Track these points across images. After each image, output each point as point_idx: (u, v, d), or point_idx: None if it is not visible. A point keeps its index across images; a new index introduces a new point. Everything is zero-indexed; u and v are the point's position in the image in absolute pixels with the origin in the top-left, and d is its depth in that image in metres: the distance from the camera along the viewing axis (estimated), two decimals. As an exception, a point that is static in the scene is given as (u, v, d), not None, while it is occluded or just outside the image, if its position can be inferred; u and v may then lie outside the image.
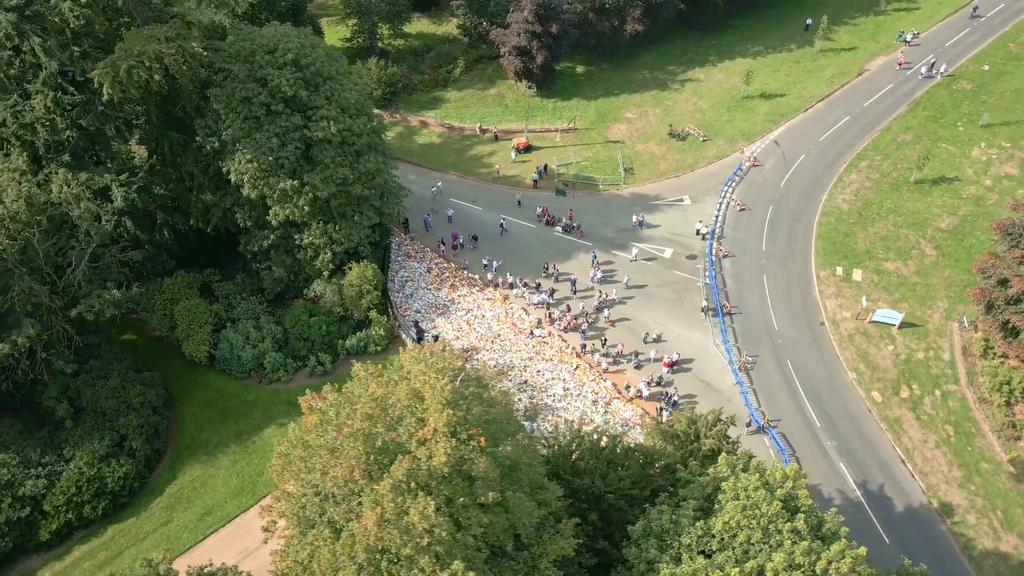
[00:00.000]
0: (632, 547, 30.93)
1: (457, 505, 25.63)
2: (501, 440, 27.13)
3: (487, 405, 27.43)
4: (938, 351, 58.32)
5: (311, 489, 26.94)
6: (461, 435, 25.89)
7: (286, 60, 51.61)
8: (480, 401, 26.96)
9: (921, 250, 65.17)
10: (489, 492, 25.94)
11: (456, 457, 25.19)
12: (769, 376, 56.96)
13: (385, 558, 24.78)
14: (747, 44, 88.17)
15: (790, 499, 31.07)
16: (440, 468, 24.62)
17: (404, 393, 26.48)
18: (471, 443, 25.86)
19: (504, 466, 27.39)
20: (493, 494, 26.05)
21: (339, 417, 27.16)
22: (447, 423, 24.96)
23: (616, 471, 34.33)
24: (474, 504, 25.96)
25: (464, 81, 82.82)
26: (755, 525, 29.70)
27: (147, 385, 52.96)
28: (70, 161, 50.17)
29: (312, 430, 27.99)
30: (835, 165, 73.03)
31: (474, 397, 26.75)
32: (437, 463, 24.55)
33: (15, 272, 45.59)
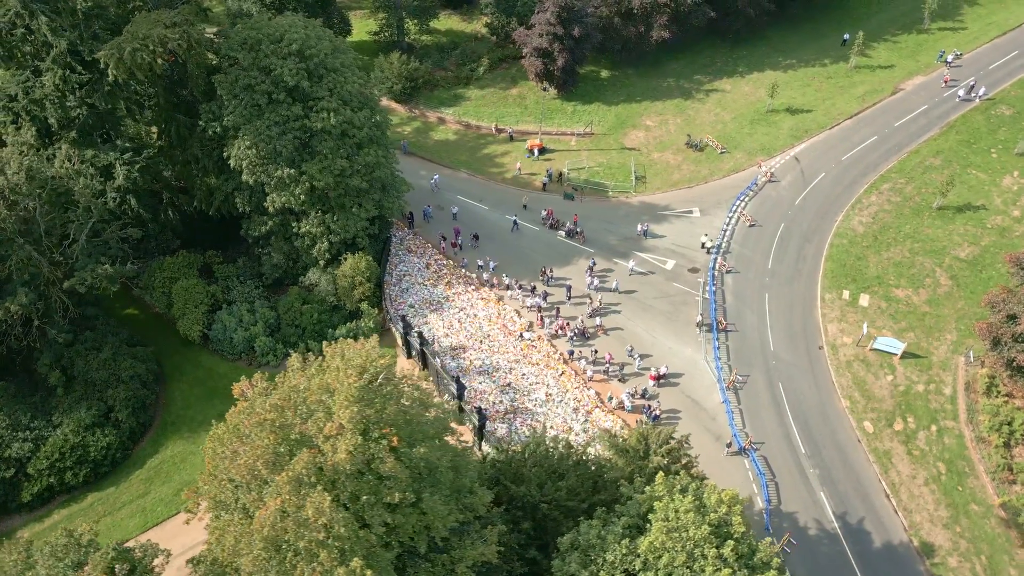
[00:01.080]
0: (558, 559, 30.57)
1: (362, 503, 25.70)
2: (418, 441, 27.07)
3: (409, 405, 27.39)
4: (940, 385, 56.16)
5: (225, 474, 27.39)
6: (373, 433, 25.95)
7: (291, 50, 52.39)
8: (397, 401, 26.94)
9: (936, 279, 62.84)
10: (396, 492, 25.95)
11: (363, 455, 25.24)
12: (758, 397, 55.64)
13: (287, 549, 25.02)
14: (779, 57, 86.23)
15: (722, 525, 30.27)
16: (343, 464, 24.74)
17: (316, 386, 26.69)
18: (382, 442, 25.89)
19: (418, 467, 27.33)
20: (400, 494, 26.06)
21: (256, 406, 27.52)
22: (352, 419, 25.03)
23: (557, 482, 33.95)
24: (380, 503, 25.99)
25: (487, 80, 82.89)
26: (680, 548, 29.04)
27: (138, 359, 54.38)
28: (77, 138, 51.80)
29: (237, 416, 28.40)
30: (855, 185, 70.93)
31: (391, 396, 26.74)
32: (339, 459, 24.66)
33: (15, 241, 47.28)
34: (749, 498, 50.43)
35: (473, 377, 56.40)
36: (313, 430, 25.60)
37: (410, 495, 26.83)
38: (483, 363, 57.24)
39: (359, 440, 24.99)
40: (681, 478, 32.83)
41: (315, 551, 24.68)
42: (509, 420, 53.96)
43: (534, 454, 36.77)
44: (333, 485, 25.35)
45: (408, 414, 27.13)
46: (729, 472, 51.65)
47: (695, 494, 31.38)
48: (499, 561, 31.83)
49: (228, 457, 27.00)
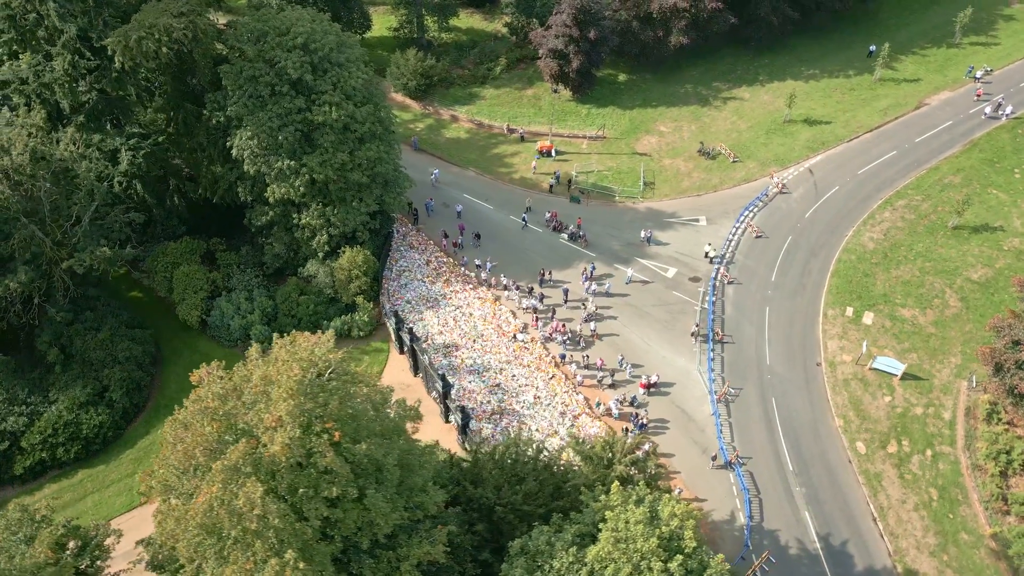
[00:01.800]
0: (506, 563, 30.42)
1: (300, 495, 25.89)
2: (363, 438, 27.13)
3: (360, 403, 27.45)
4: (939, 409, 54.74)
5: (171, 460, 27.83)
6: (315, 427, 26.10)
7: (296, 43, 52.92)
8: (344, 397, 27.03)
9: (944, 300, 61.25)
10: (335, 487, 26.07)
11: (301, 448, 25.40)
12: (749, 411, 54.80)
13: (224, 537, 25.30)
14: (802, 66, 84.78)
15: (674, 539, 29.86)
16: (279, 456, 24.94)
17: (258, 378, 26.93)
18: (323, 436, 26.02)
19: (361, 464, 27.41)
20: (340, 489, 26.16)
21: (202, 393, 27.88)
22: (291, 412, 25.20)
23: (515, 485, 33.79)
24: (319, 497, 26.13)
25: (503, 80, 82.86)
26: (626, 560, 28.71)
27: (136, 341, 55.41)
28: (85, 122, 52.96)
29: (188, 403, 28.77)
30: (869, 201, 69.44)
31: (336, 392, 26.85)
32: (274, 451, 24.85)
33: (18, 220, 48.53)
34: (731, 513, 49.84)
35: (463, 376, 56.46)
36: (254, 421, 25.85)
37: (352, 491, 26.94)
38: (474, 362, 57.26)
39: (297, 433, 25.16)
40: (639, 489, 32.45)
41: (250, 541, 24.92)
42: (495, 421, 53.90)
43: (503, 456, 36.64)
44: (273, 476, 25.58)
45: (354, 410, 27.22)
46: (713, 486, 50.99)
47: (650, 506, 31.00)
48: (450, 561, 31.83)
49: (171, 443, 27.43)
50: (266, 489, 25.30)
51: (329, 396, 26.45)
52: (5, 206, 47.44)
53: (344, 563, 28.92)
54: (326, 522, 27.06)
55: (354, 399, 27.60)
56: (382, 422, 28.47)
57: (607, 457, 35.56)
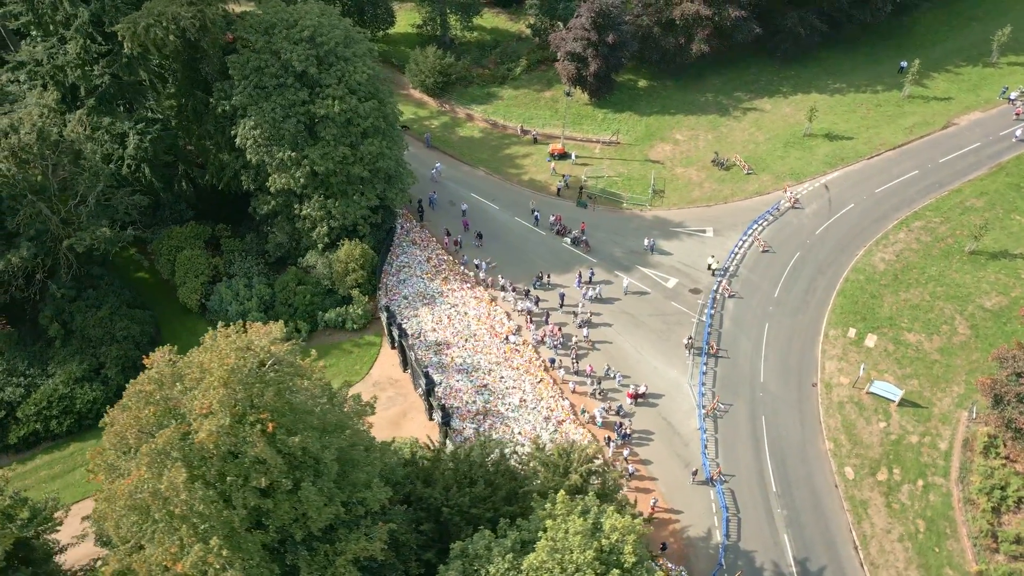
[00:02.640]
0: (443, 565, 30.36)
1: (228, 484, 26.18)
2: (300, 431, 27.34)
3: (303, 395, 27.63)
4: (936, 439, 53.10)
5: (106, 440, 28.41)
6: (249, 417, 26.37)
7: (302, 36, 53.57)
8: (282, 389, 27.24)
9: (953, 326, 59.37)
10: (263, 477, 26.32)
11: (231, 437, 25.68)
12: (738, 428, 53.84)
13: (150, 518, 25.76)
14: (828, 79, 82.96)
15: (613, 552, 29.46)
16: (206, 443, 25.25)
17: (195, 364, 27.31)
18: (257, 427, 26.28)
19: (296, 456, 27.61)
20: (269, 480, 26.41)
21: (143, 376, 28.41)
22: (222, 401, 25.48)
23: (464, 488, 33.69)
24: (248, 486, 26.39)
25: (522, 81, 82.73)
26: (560, 570, 28.43)
27: (135, 321, 56.65)
28: (96, 105, 54.32)
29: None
30: (884, 220, 67.62)
31: (273, 383, 27.08)
32: (200, 438, 25.17)
33: (25, 197, 50.02)
34: (707, 530, 49.06)
35: (451, 374, 56.55)
36: (188, 406, 26.24)
37: (286, 482, 27.19)
38: (464, 361, 57.31)
39: (227, 422, 25.46)
40: (588, 499, 32.11)
41: (176, 525, 25.32)
42: (479, 421, 53.87)
43: (466, 456, 36.57)
44: (203, 463, 25.93)
45: (293, 403, 27.44)
46: (692, 501, 50.25)
47: (595, 518, 30.65)
48: (394, 559, 31.90)
49: (109, 424, 28.03)
50: (193, 475, 25.70)
51: (265, 387, 26.70)
52: (12, 183, 48.85)
53: (281, 553, 29.21)
54: (258, 512, 27.38)
55: (295, 392, 27.83)
56: (322, 416, 28.64)
57: (563, 465, 35.26)
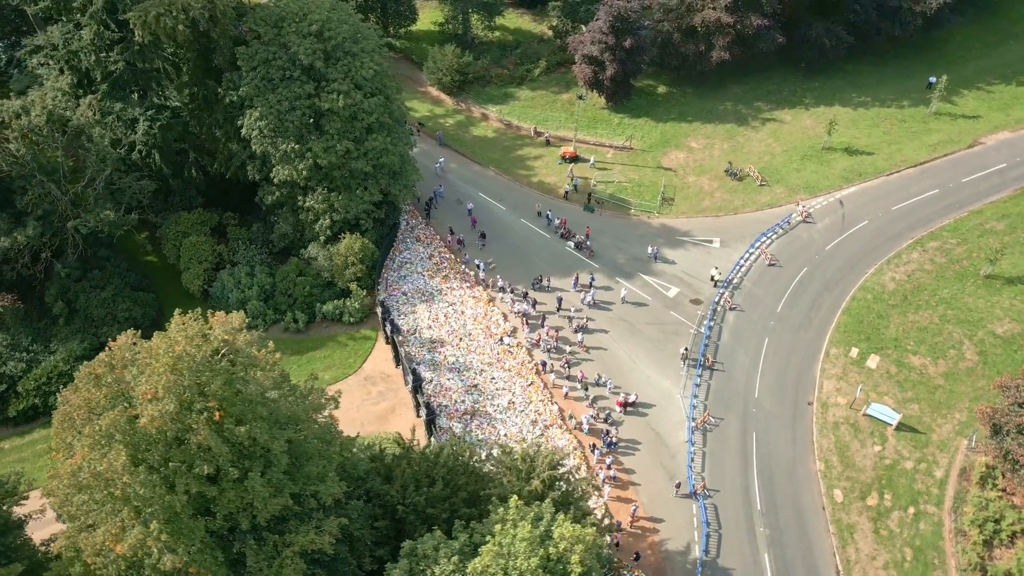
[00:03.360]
0: (390, 564, 30.40)
1: (171, 469, 26.52)
2: (249, 421, 27.58)
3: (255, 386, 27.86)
4: (932, 466, 51.66)
5: (55, 419, 29.01)
6: (196, 404, 26.67)
7: (311, 30, 54.09)
8: (232, 378, 27.49)
9: (960, 351, 57.68)
10: (206, 465, 26.60)
11: (176, 423, 26.01)
12: (727, 443, 53.02)
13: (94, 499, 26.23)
14: (853, 92, 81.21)
15: (559, 562, 29.20)
16: (148, 428, 25.61)
17: (145, 349, 27.71)
18: (203, 414, 26.57)
19: (243, 445, 27.85)
20: (213, 468, 26.68)
21: (96, 359, 28.95)
22: (166, 387, 25.81)
23: (422, 487, 33.69)
24: (191, 473, 26.71)
25: (540, 82, 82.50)
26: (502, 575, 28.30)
27: (137, 303, 57.86)
28: (109, 91, 55.54)
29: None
30: (898, 239, 65.93)
31: (222, 372, 27.34)
32: (145, 423, 25.54)
33: (34, 177, 51.34)
34: (687, 544, 48.42)
35: (443, 372, 56.65)
36: (136, 391, 26.65)
37: (233, 471, 27.46)
38: (457, 360, 57.36)
39: (171, 408, 25.81)
40: (544, 506, 31.89)
41: (118, 507, 25.76)
42: (466, 420, 53.88)
43: (435, 456, 36.57)
44: (148, 446, 26.32)
45: (243, 393, 27.69)
46: (674, 515, 49.64)
47: (547, 525, 30.42)
48: (346, 554, 32.06)
49: (60, 404, 28.61)
50: (137, 459, 26.12)
51: (215, 376, 27.01)
52: (21, 163, 50.18)
53: (229, 541, 29.54)
54: (204, 499, 27.72)
55: (247, 382, 28.09)
56: (274, 407, 28.86)
57: (526, 469, 35.06)
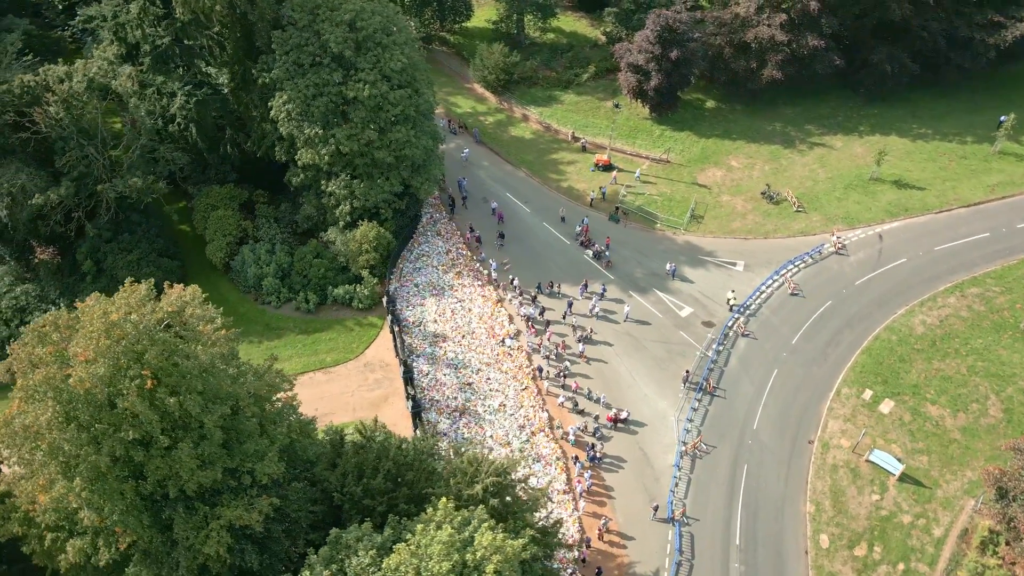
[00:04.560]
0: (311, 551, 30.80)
1: (97, 431, 27.49)
2: (183, 393, 28.34)
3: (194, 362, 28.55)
4: (931, 523, 48.87)
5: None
6: (130, 371, 27.57)
7: (343, 19, 55.13)
8: (171, 350, 28.27)
9: (984, 406, 54.36)
10: (132, 430, 27.47)
11: (105, 386, 26.95)
12: (715, 472, 51.46)
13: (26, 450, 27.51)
14: (914, 123, 77.46)
15: (473, 569, 28.94)
16: (77, 388, 26.61)
17: (88, 313, 28.73)
18: (135, 381, 27.45)
19: (174, 416, 28.60)
20: (138, 433, 27.53)
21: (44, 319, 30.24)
22: (101, 351, 26.74)
23: (361, 479, 33.87)
24: (116, 436, 27.61)
25: (587, 88, 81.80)
26: (414, 575, 28.24)
27: (160, 269, 60.23)
28: (153, 64, 58.01)
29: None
30: (936, 281, 62.53)
31: (161, 342, 28.15)
32: (73, 382, 26.55)
33: (72, 139, 54.15)
34: (656, 571, 47.28)
35: (441, 367, 56.92)
36: (71, 352, 27.73)
37: (163, 439, 28.33)
38: (456, 357, 57.55)
39: (102, 371, 26.78)
40: (477, 512, 31.69)
41: (46, 460, 26.95)
42: (455, 417, 54.03)
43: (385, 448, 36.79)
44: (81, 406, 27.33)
45: (179, 365, 28.48)
46: (647, 538, 48.52)
47: (472, 531, 30.23)
48: (281, 534, 32.66)
49: (9, 354, 30.04)
50: (69, 416, 27.25)
51: (152, 345, 27.91)
52: (61, 125, 52.97)
53: (161, 506, 30.51)
54: (134, 463, 28.70)
55: (187, 356, 28.91)
56: (213, 383, 29.57)
57: (471, 473, 34.81)
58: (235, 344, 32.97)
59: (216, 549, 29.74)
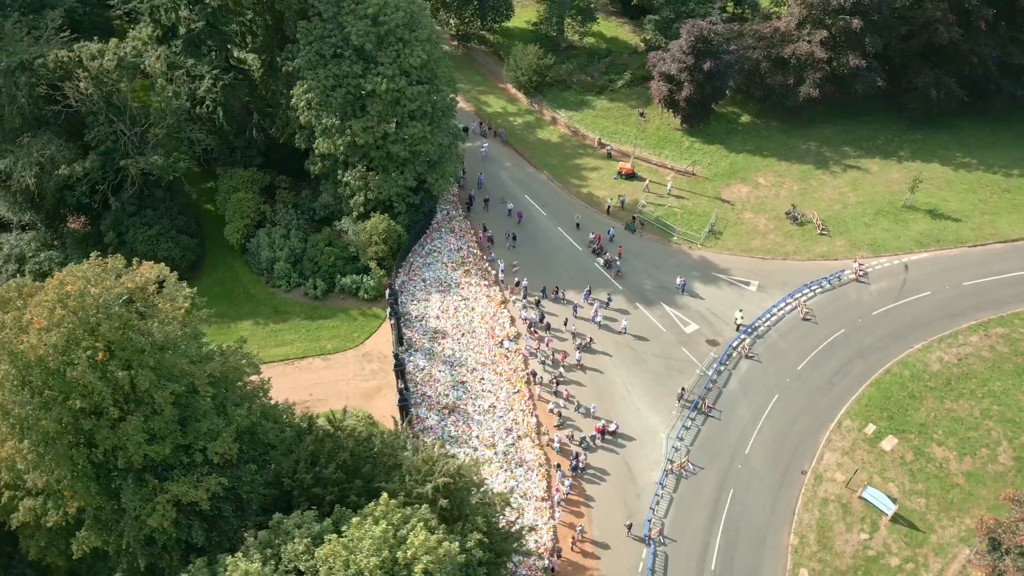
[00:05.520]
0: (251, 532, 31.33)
1: (46, 396, 28.46)
2: (135, 368, 29.14)
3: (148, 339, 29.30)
4: (920, 568, 46.93)
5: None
6: (84, 342, 28.47)
7: (367, 13, 55.82)
8: (126, 324, 29.04)
9: (994, 452, 51.93)
10: (79, 399, 28.37)
11: (57, 355, 27.85)
12: (699, 494, 50.40)
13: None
14: (958, 151, 74.38)
15: (403, 567, 29.00)
16: (28, 353, 27.58)
17: (48, 284, 29.68)
18: (87, 352, 28.35)
19: (124, 389, 29.37)
20: (86, 403, 28.41)
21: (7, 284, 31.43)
22: (53, 320, 27.65)
23: (313, 467, 34.24)
24: (65, 404, 28.51)
25: (621, 94, 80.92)
26: (341, 567, 28.45)
27: (179, 246, 62.10)
28: (185, 46, 59.80)
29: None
30: (959, 318, 59.90)
31: (117, 317, 28.97)
32: (23, 348, 27.55)
33: (100, 115, 56.26)
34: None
35: (437, 363, 57.19)
36: (27, 319, 28.75)
37: (113, 411, 29.21)
38: (453, 354, 57.72)
39: (54, 340, 27.74)
40: (420, 510, 31.78)
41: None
42: (444, 415, 54.23)
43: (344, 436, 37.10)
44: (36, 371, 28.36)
45: (136, 342, 29.25)
46: (621, 554, 47.84)
47: (408, 529, 30.32)
48: (230, 514, 33.34)
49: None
50: (22, 380, 28.33)
51: (107, 318, 28.78)
52: (90, 100, 55.07)
53: (113, 476, 31.49)
54: (81, 430, 29.68)
55: (143, 333, 29.73)
56: (169, 359, 30.32)
57: (424, 472, 34.85)
58: (200, 325, 33.74)
59: (161, 522, 30.58)
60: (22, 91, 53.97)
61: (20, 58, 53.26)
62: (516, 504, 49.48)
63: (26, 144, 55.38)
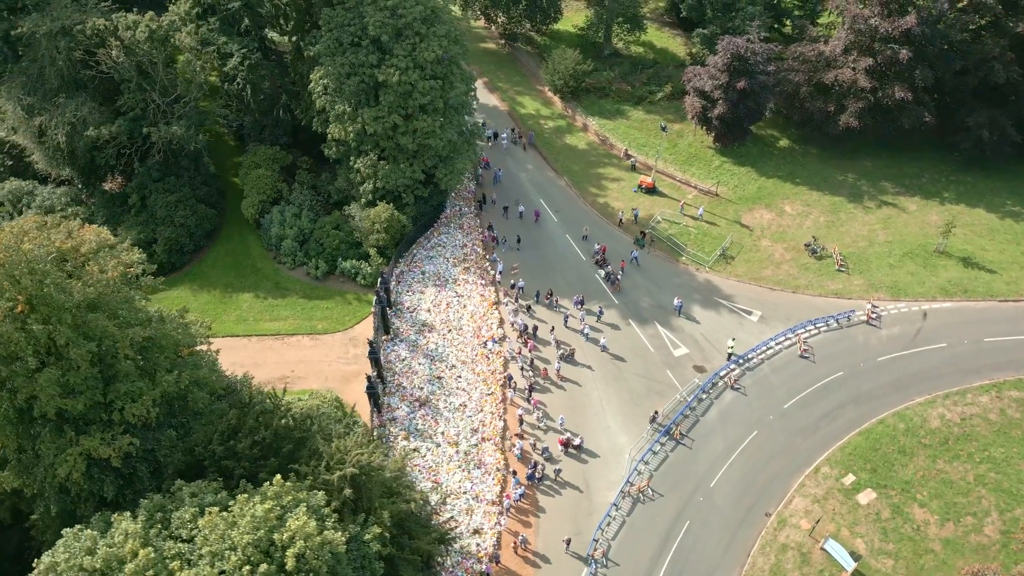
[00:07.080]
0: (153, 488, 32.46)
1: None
2: (53, 323, 30.54)
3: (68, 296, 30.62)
4: (872, 632, 44.42)
5: None
6: (6, 293, 30.02)
7: (386, 4, 56.70)
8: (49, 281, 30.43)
9: (981, 522, 48.56)
10: (0, 346, 30.08)
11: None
12: (653, 522, 49.10)
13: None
14: (1008, 199, 69.73)
15: (278, 548, 29.48)
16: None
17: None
18: (10, 303, 29.86)
19: (42, 341, 30.85)
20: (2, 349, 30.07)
21: None
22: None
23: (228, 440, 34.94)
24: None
25: (659, 107, 79.30)
26: (216, 539, 29.17)
27: (196, 214, 64.75)
28: (220, 25, 62.20)
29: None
30: (972, 375, 56.18)
31: (41, 274, 30.35)
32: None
33: (131, 82, 59.23)
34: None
35: (418, 356, 57.69)
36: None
37: (31, 361, 30.76)
38: (436, 349, 58.09)
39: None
40: (316, 497, 32.26)
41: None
42: (415, 407, 54.68)
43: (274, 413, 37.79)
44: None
45: (56, 299, 30.63)
46: (558, 570, 47.12)
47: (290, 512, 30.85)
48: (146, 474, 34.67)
49: None
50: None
51: (30, 274, 30.31)
52: (122, 68, 58.04)
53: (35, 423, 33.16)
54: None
55: (64, 290, 31.17)
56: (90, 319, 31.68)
57: (336, 459, 35.16)
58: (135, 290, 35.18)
59: (70, 472, 32.12)
60: (61, 54, 57.32)
61: (61, 23, 56.56)
62: (467, 505, 49.54)
63: (61, 104, 58.82)
